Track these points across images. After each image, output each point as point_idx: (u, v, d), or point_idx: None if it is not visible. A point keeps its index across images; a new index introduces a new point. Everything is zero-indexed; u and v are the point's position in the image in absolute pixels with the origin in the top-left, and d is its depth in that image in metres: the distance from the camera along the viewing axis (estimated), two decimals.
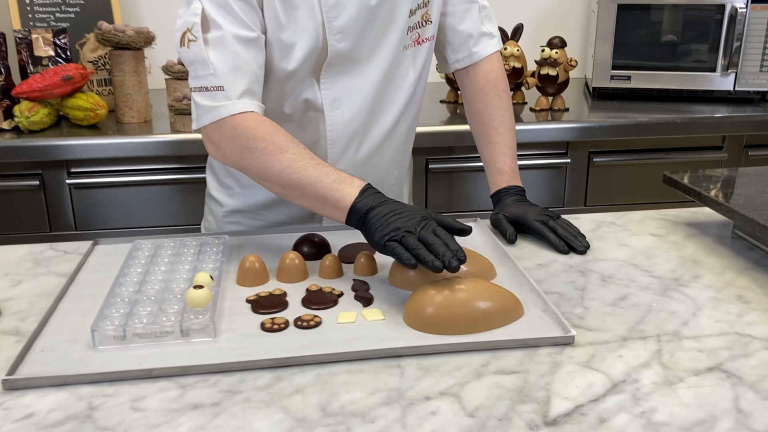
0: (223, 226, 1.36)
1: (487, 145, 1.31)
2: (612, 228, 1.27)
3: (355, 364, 0.84)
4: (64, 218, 2.02)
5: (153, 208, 2.05)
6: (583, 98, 2.45)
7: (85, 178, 1.98)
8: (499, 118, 1.30)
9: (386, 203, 1.00)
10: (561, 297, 1.01)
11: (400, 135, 1.30)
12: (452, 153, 2.09)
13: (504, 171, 1.28)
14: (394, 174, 1.34)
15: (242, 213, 1.34)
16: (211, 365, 0.83)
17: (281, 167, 1.05)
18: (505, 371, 0.82)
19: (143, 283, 1.00)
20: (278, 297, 1.00)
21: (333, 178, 1.03)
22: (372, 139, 1.26)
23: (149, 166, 2.01)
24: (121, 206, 2.03)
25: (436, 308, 0.90)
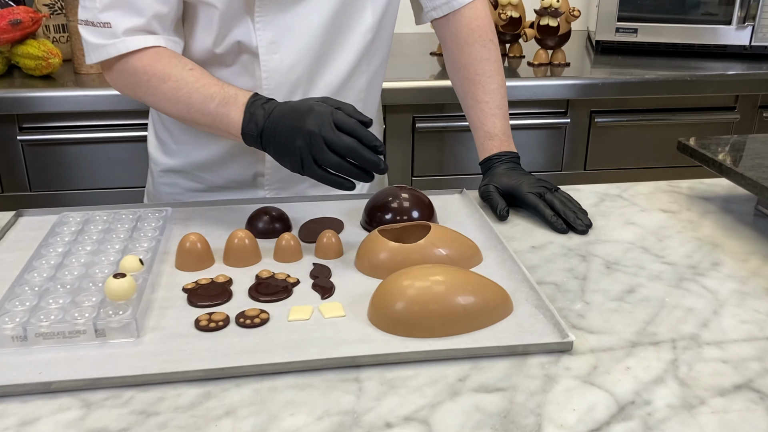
0: (159, 188, 1.20)
1: (474, 105, 1.13)
2: (617, 202, 1.11)
3: (304, 377, 0.69)
4: (16, 178, 1.85)
5: (115, 167, 1.87)
6: (585, 53, 2.27)
7: (39, 134, 1.80)
8: (487, 72, 1.13)
9: (275, 119, 0.89)
10: (558, 288, 0.85)
11: (356, 92, 1.12)
12: (443, 111, 1.91)
13: (494, 135, 1.11)
14: None
15: (178, 173, 1.18)
16: (124, 378, 0.67)
17: (166, 99, 0.96)
18: (487, 388, 0.67)
19: (60, 268, 0.84)
20: (221, 285, 0.84)
21: (217, 101, 0.93)
22: (319, 92, 1.08)
23: (110, 122, 1.83)
24: (80, 165, 1.86)
25: (406, 304, 0.75)
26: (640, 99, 1.98)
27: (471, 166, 1.98)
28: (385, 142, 1.91)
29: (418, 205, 0.99)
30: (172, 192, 1.19)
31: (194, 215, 1.04)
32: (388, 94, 1.84)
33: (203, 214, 1.05)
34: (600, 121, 1.97)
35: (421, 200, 1.00)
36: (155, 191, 1.22)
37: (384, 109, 1.88)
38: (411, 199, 1.00)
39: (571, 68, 2.03)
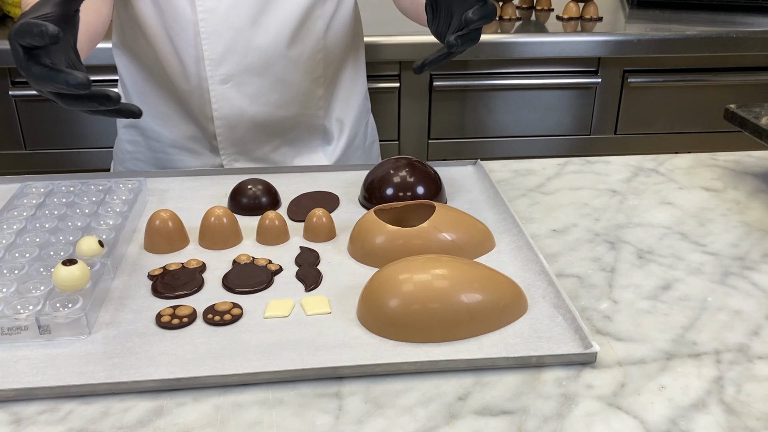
0: (122, 145, 1.10)
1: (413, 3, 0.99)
2: (652, 177, 0.97)
3: (275, 389, 0.58)
4: (11, 136, 1.76)
5: (112, 126, 1.77)
6: (620, 6, 2.10)
7: (32, 89, 1.70)
8: None
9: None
10: (581, 283, 0.73)
11: (313, 40, 0.98)
12: (465, 68, 1.77)
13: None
14: (317, 94, 1.03)
15: (136, 129, 1.07)
16: (64, 388, 0.57)
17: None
18: (492, 410, 0.56)
19: (11, 249, 0.74)
20: (191, 272, 0.73)
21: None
22: (267, 37, 0.95)
23: (108, 77, 1.72)
24: (76, 122, 1.76)
25: (402, 302, 0.63)
26: (678, 58, 1.81)
27: (493, 128, 1.85)
28: (399, 101, 1.78)
29: (423, 179, 0.87)
30: (133, 150, 1.09)
31: (172, 186, 0.93)
32: (402, 49, 1.71)
33: (182, 185, 0.94)
34: (633, 81, 1.82)
35: (427, 174, 0.88)
36: (118, 149, 1.12)
37: (399, 65, 1.75)
38: (415, 172, 0.88)
39: (604, 23, 1.88)
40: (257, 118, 0.99)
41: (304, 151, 1.07)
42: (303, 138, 1.06)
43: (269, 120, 1.00)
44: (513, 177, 0.97)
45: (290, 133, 1.04)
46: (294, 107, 1.01)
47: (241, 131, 1.01)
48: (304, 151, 1.07)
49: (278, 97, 0.99)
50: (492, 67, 1.78)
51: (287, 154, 1.06)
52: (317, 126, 1.05)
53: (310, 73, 0.99)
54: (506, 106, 1.83)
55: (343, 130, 1.11)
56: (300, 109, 1.02)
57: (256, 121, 1.00)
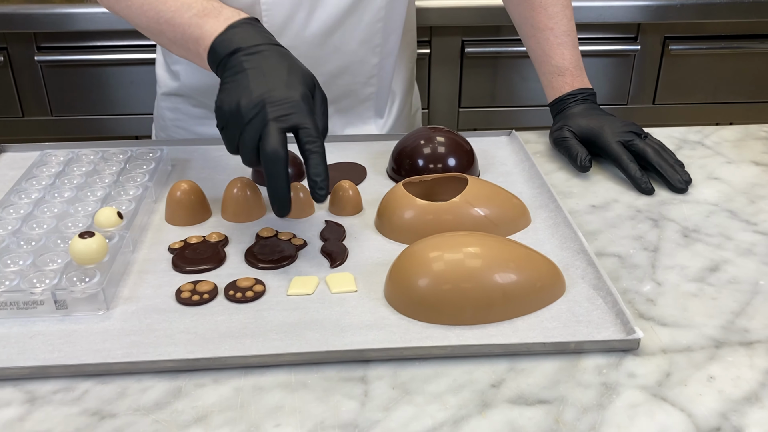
0: (163, 113, 1.07)
1: (535, 33, 0.94)
2: (698, 151, 0.92)
3: (298, 372, 0.55)
4: (37, 101, 1.74)
5: (139, 91, 1.75)
6: None
7: (59, 55, 1.68)
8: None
9: (261, 52, 0.68)
10: (622, 263, 0.69)
11: (374, 8, 0.93)
12: (498, 34, 1.71)
13: (564, 69, 0.92)
14: (371, 62, 0.98)
15: (180, 97, 1.03)
16: (80, 366, 0.55)
17: (139, 4, 0.76)
18: (527, 399, 0.52)
19: (27, 220, 0.71)
20: (213, 246, 0.70)
21: (196, 10, 0.72)
22: (327, 7, 0.90)
23: (134, 42, 1.69)
24: (103, 88, 1.74)
25: (432, 282, 0.60)
26: (721, 23, 1.73)
27: (527, 97, 1.78)
28: (429, 68, 1.73)
29: (455, 150, 0.83)
30: (175, 118, 1.06)
31: (195, 155, 0.90)
32: (434, 13, 1.65)
33: (206, 155, 0.91)
34: (675, 48, 1.74)
35: (459, 145, 0.84)
36: (159, 116, 1.10)
37: (429, 31, 1.69)
38: (447, 143, 0.83)
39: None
40: None
41: (356, 122, 1.03)
42: (354, 108, 1.02)
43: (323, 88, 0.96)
44: (549, 149, 0.93)
45: (342, 101, 1.00)
46: (348, 76, 0.97)
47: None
48: (355, 121, 1.03)
49: (334, 67, 0.95)
50: None
51: (337, 124, 1.02)
52: (369, 95, 1.01)
53: (368, 41, 0.95)
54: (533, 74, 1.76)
55: (395, 101, 1.07)
56: (353, 78, 0.98)
57: None
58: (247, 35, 0.69)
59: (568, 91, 0.91)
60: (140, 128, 1.79)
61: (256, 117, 0.64)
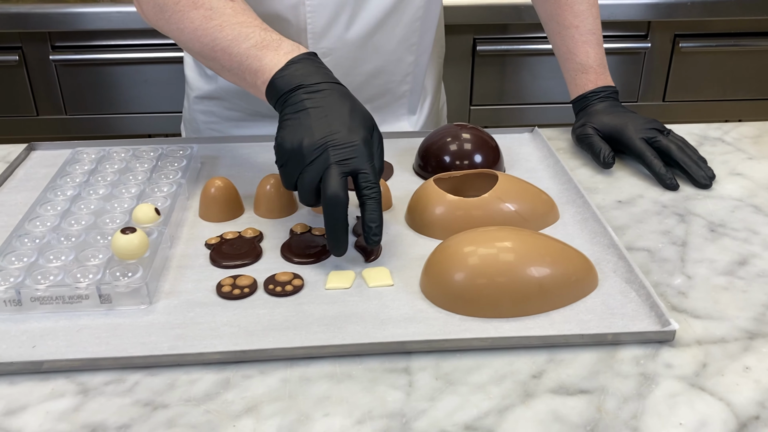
0: (195, 115, 1.07)
1: (561, 31, 0.95)
2: (719, 147, 0.93)
3: (342, 363, 0.57)
4: (51, 100, 1.75)
5: (153, 90, 1.76)
6: None
7: (73, 54, 1.69)
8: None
9: (322, 90, 0.68)
10: (651, 257, 0.70)
11: (413, 8, 0.95)
12: (508, 32, 1.72)
13: (588, 66, 0.93)
14: (407, 61, 1.00)
15: (214, 99, 1.04)
16: (129, 359, 0.56)
17: (192, 28, 0.75)
18: (568, 389, 0.54)
19: (65, 216, 0.73)
20: (249, 242, 0.72)
21: (254, 41, 0.71)
22: (370, 8, 0.91)
23: (148, 41, 1.70)
24: (117, 87, 1.75)
25: (470, 276, 0.61)
26: (731, 21, 1.74)
27: (537, 95, 1.80)
28: None
29: (481, 147, 0.84)
30: (208, 120, 1.07)
31: (224, 153, 0.92)
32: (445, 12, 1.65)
33: (234, 152, 0.92)
34: (685, 46, 1.75)
35: (485, 142, 0.85)
36: (191, 118, 1.10)
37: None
38: (474, 140, 0.85)
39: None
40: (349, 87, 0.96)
41: (390, 119, 1.04)
42: (389, 105, 1.03)
43: (361, 87, 0.97)
44: (572, 145, 0.94)
45: (378, 99, 1.01)
46: (385, 75, 0.98)
47: None
48: (389, 119, 1.04)
49: (372, 67, 0.96)
50: (536, 31, 1.73)
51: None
52: (404, 92, 1.02)
53: (406, 40, 0.96)
54: (550, 72, 1.78)
55: (427, 98, 1.08)
56: (390, 77, 0.99)
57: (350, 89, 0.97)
58: (308, 72, 0.69)
59: (591, 89, 0.92)
60: (154, 126, 1.80)
61: (318, 159, 0.64)
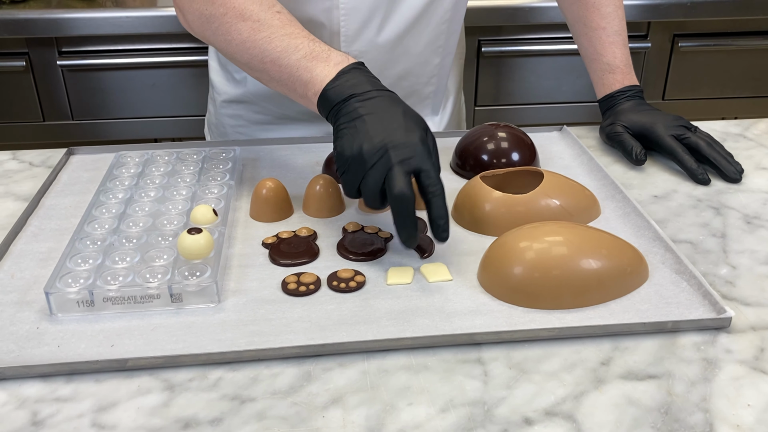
0: (222, 119, 1.08)
1: (588, 32, 0.98)
2: (742, 143, 0.97)
3: (416, 355, 0.59)
4: (57, 105, 1.75)
5: (160, 94, 1.76)
6: None
7: (80, 59, 1.69)
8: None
9: (374, 98, 0.70)
10: (695, 248, 0.73)
11: (441, 11, 0.97)
12: (512, 33, 1.76)
13: (615, 67, 0.96)
14: (433, 62, 1.02)
15: (242, 103, 1.05)
16: (210, 355, 0.58)
17: (240, 40, 0.77)
18: (637, 375, 0.56)
19: (123, 218, 0.74)
20: (305, 240, 0.73)
21: (302, 53, 0.73)
22: (401, 12, 0.93)
23: (154, 45, 1.71)
24: (123, 92, 1.75)
25: (529, 270, 0.64)
26: (728, 21, 1.79)
27: (539, 95, 1.83)
28: None
29: (519, 146, 0.87)
30: (235, 124, 1.08)
31: (262, 154, 0.93)
32: None
33: (272, 154, 0.93)
34: (684, 45, 1.79)
35: (522, 140, 0.87)
36: (218, 122, 1.11)
37: None
38: (511, 138, 0.87)
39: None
40: None
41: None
42: (414, 106, 1.04)
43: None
44: (600, 143, 0.97)
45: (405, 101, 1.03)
46: (412, 77, 1.00)
47: None
48: None
49: (401, 69, 0.98)
50: (538, 32, 1.76)
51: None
52: (428, 93, 1.04)
53: (433, 42, 0.98)
54: (552, 72, 1.81)
55: (449, 98, 1.10)
56: (417, 78, 1.01)
57: None
58: (359, 81, 0.71)
59: (618, 88, 0.95)
60: (161, 131, 1.80)
61: (380, 161, 0.66)
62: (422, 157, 0.67)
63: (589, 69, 1.00)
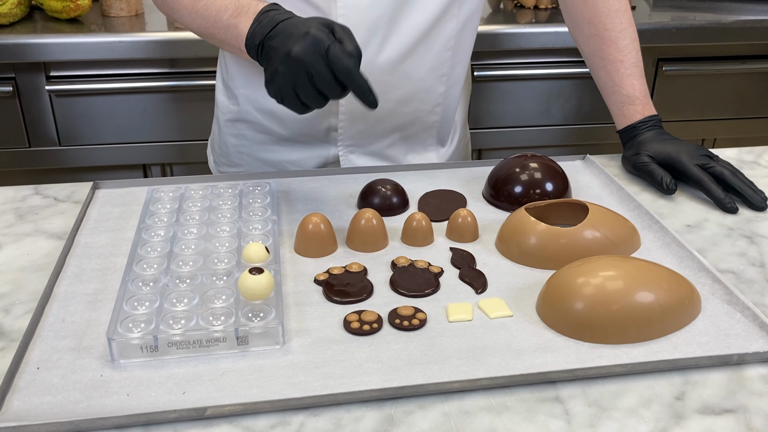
0: (226, 138, 1.09)
1: (606, 65, 1.00)
2: (758, 170, 1.00)
3: (494, 395, 0.59)
4: (44, 131, 1.71)
5: (148, 120, 1.74)
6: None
7: (67, 84, 1.65)
8: (618, 26, 1.00)
9: (277, 32, 0.77)
10: (738, 278, 0.75)
11: (444, 38, 0.98)
12: (502, 58, 1.78)
13: (635, 98, 0.98)
14: (437, 91, 1.03)
15: (244, 122, 1.06)
16: (287, 401, 0.57)
17: (188, 12, 0.89)
18: (714, 409, 0.57)
19: (171, 257, 0.72)
20: (358, 277, 0.73)
21: (230, 11, 0.84)
22: (401, 35, 0.95)
23: (143, 70, 1.68)
24: (111, 117, 1.72)
25: (593, 306, 0.64)
26: (710, 46, 1.85)
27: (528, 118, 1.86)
28: None
29: (551, 176, 0.88)
30: (238, 144, 1.08)
31: (292, 187, 0.92)
32: None
33: (302, 185, 0.93)
34: (668, 69, 1.85)
35: (554, 170, 0.89)
36: (221, 142, 1.11)
37: None
38: (543, 168, 0.88)
39: (637, 12, 1.90)
40: (379, 113, 0.99)
41: (418, 149, 1.07)
42: (418, 134, 1.06)
43: (390, 115, 1.00)
44: (623, 172, 0.99)
45: (408, 128, 1.04)
46: (415, 103, 1.01)
47: (362, 125, 1.00)
48: (417, 148, 1.07)
49: (402, 93, 0.98)
50: (526, 57, 1.79)
51: (401, 150, 1.06)
52: (433, 123, 1.05)
53: (436, 70, 0.99)
54: (540, 96, 1.84)
55: (457, 130, 1.11)
56: (420, 105, 1.01)
57: (378, 116, 0.99)
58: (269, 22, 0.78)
59: (639, 119, 0.98)
60: (150, 156, 1.77)
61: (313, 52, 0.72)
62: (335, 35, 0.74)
63: (607, 101, 1.02)
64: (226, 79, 1.07)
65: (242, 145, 1.08)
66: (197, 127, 1.73)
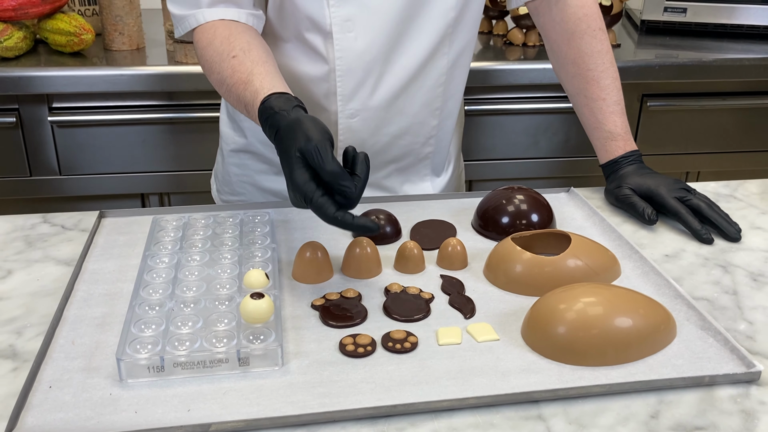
0: (229, 168, 1.15)
1: (589, 103, 1.06)
2: (733, 203, 1.05)
3: (481, 413, 0.62)
4: (46, 161, 1.75)
5: (148, 151, 1.78)
6: (624, 32, 2.19)
7: (69, 115, 1.70)
8: (600, 66, 1.05)
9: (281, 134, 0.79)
10: (712, 305, 0.79)
11: (435, 75, 1.04)
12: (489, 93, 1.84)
13: (617, 134, 1.04)
14: (430, 124, 1.08)
15: (247, 153, 1.12)
16: (286, 418, 0.61)
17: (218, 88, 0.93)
18: (686, 427, 0.61)
19: (177, 283, 0.76)
20: (353, 302, 0.77)
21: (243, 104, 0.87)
22: (395, 74, 1.00)
23: (143, 102, 1.73)
24: (111, 148, 1.76)
25: (574, 330, 0.69)
26: (693, 83, 1.92)
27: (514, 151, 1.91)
28: None
29: (537, 207, 0.93)
30: (240, 173, 1.13)
31: (290, 217, 0.97)
32: None
33: (299, 215, 0.97)
34: (653, 105, 1.91)
35: (539, 202, 0.93)
36: (224, 171, 1.16)
37: None
38: (529, 200, 0.93)
39: (621, 50, 1.97)
40: (375, 147, 1.04)
41: (413, 179, 1.12)
42: (413, 166, 1.11)
43: (386, 148, 1.05)
44: (605, 204, 1.04)
45: (403, 160, 1.09)
46: (409, 136, 1.06)
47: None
48: (413, 178, 1.12)
49: (396, 128, 1.04)
50: (515, 92, 1.85)
51: (397, 180, 1.11)
52: (427, 154, 1.10)
53: (429, 104, 1.04)
54: (528, 130, 1.90)
55: (451, 161, 1.16)
56: (414, 138, 1.06)
57: (374, 150, 1.04)
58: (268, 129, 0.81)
59: (621, 154, 1.03)
60: (148, 186, 1.81)
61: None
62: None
63: (590, 136, 1.07)
64: (231, 112, 1.12)
65: (244, 174, 1.13)
66: (195, 157, 1.77)
